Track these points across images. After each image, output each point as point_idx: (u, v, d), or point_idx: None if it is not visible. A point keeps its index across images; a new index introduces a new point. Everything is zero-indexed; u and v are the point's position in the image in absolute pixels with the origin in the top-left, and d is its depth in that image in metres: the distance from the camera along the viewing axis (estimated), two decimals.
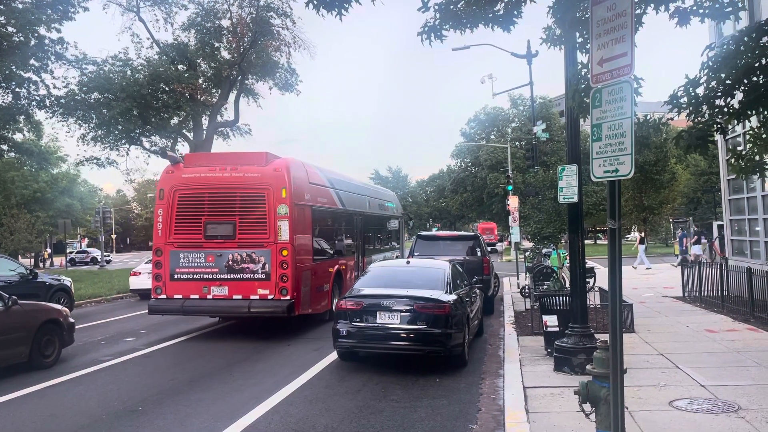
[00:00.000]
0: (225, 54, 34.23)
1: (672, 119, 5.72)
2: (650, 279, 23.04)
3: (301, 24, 51.22)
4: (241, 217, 12.60)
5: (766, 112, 4.75)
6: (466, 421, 6.93)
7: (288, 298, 12.18)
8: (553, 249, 20.90)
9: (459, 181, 67.04)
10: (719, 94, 4.82)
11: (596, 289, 14.97)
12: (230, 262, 12.47)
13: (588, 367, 5.39)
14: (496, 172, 58.82)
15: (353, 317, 9.32)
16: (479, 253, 16.67)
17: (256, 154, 13.18)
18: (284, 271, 12.27)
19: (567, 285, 12.73)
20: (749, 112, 4.77)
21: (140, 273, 21.13)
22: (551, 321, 9.77)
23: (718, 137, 5.25)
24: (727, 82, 4.77)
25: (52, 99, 28.56)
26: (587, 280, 13.51)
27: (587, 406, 5.28)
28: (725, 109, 4.86)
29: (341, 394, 8.13)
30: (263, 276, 12.34)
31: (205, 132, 33.76)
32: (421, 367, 9.40)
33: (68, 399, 8.32)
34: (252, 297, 12.35)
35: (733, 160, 5.31)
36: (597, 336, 8.83)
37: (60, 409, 7.82)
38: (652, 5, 5.29)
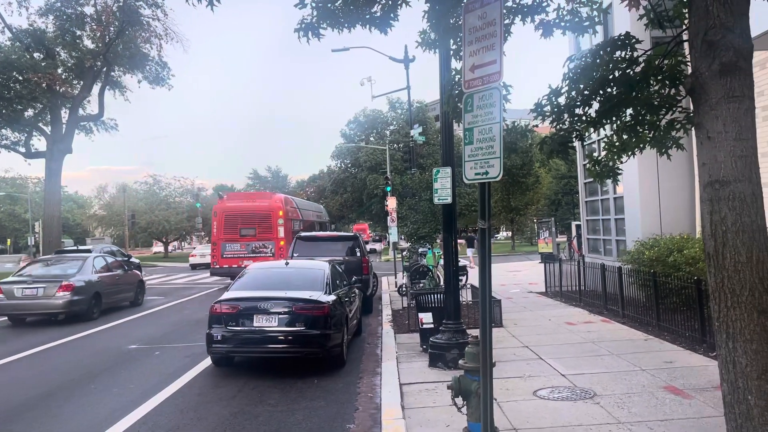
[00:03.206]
0: (88, 43, 31.92)
1: (537, 126, 6.07)
2: (517, 276, 24.43)
3: (174, 16, 49.11)
4: (258, 225, 22.90)
5: (618, 122, 5.17)
6: (344, 421, 6.93)
7: None
8: (429, 248, 21.52)
9: (339, 182, 67.31)
10: (578, 103, 5.16)
11: (468, 286, 15.64)
12: (253, 248, 22.61)
13: (460, 362, 5.57)
14: (376, 174, 59.73)
15: (228, 321, 9.02)
16: (359, 253, 16.83)
17: (266, 193, 26.65)
18: (281, 252, 21.85)
19: (442, 283, 13.18)
20: (604, 121, 5.15)
21: (196, 255, 40.14)
22: (426, 318, 10.03)
23: (577, 143, 5.64)
24: (585, 92, 5.12)
25: None
26: (460, 277, 14.07)
27: (459, 400, 5.44)
28: (583, 118, 5.22)
29: (215, 401, 7.82)
30: (271, 255, 22.24)
31: (64, 126, 31.27)
32: (300, 370, 9.29)
33: None
34: None
35: (590, 165, 5.71)
36: (469, 331, 9.18)
37: None
38: (520, 16, 5.59)
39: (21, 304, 15.09)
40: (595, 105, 5.16)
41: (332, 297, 9.65)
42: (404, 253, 24.28)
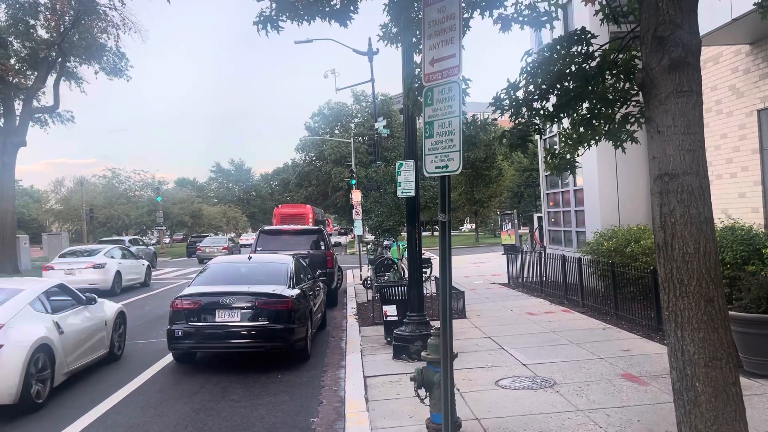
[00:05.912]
0: (42, 33, 30.90)
1: (497, 120, 6.13)
2: (480, 267, 24.71)
3: (132, 5, 47.93)
4: (298, 222, 29.56)
5: (575, 115, 5.26)
6: (308, 415, 6.93)
7: None
8: (393, 241, 21.59)
9: (304, 175, 66.97)
10: (536, 97, 5.23)
11: (433, 278, 15.73)
12: None
13: (423, 353, 5.63)
14: (340, 167, 59.60)
15: (190, 317, 8.91)
16: (323, 247, 16.78)
17: (302, 204, 43.10)
18: None
19: (406, 275, 13.24)
20: (561, 115, 5.24)
21: (243, 239, 57.88)
22: (391, 311, 10.08)
23: (536, 137, 5.72)
24: (543, 86, 5.19)
25: None
26: (424, 270, 14.14)
27: (422, 391, 5.51)
28: (541, 112, 5.30)
29: (176, 398, 7.73)
30: None
31: (18, 118, 30.29)
32: (264, 364, 9.24)
33: None
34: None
35: (548, 158, 5.81)
36: (433, 323, 9.24)
37: None
38: (479, 10, 5.62)
39: (209, 254, 35.29)
40: (553, 99, 5.24)
41: (296, 291, 9.61)
42: (369, 246, 24.35)
